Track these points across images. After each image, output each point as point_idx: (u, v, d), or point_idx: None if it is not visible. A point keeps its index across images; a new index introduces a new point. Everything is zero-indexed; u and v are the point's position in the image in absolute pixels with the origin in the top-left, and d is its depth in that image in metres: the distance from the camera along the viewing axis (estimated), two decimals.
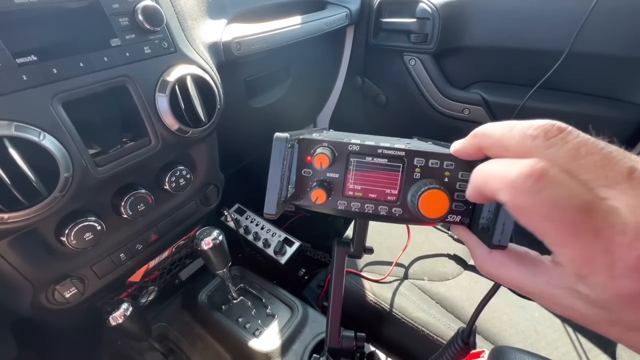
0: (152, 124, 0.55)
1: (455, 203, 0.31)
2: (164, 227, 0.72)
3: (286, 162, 0.31)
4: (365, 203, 0.33)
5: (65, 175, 0.44)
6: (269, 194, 0.30)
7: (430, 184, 0.29)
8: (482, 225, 0.30)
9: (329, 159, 0.31)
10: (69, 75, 0.44)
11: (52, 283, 0.57)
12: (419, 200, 0.29)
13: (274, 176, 0.30)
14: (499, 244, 0.27)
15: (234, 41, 0.70)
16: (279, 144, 0.30)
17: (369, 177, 0.32)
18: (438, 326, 0.69)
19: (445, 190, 0.29)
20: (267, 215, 0.30)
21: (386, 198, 0.32)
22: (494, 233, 0.27)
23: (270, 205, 0.30)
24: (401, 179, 0.32)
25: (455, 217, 0.32)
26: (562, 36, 0.91)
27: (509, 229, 0.27)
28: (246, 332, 0.75)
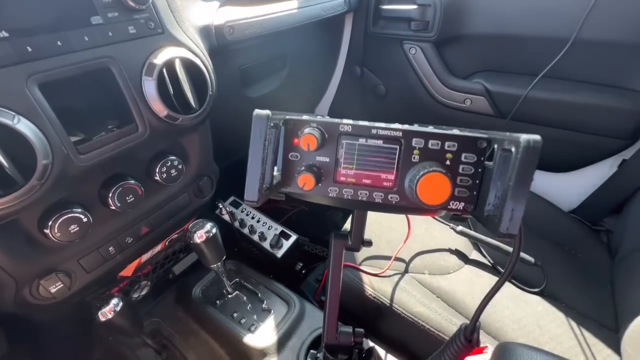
0: (139, 109, 0.52)
1: (458, 188, 0.28)
2: (156, 220, 0.70)
3: (268, 144, 0.28)
4: (359, 189, 0.30)
5: (43, 162, 0.41)
6: (249, 179, 0.27)
7: (430, 167, 0.27)
8: (488, 213, 0.27)
9: (317, 140, 0.28)
10: (45, 54, 0.41)
11: (36, 277, 0.55)
12: (418, 185, 0.26)
13: (254, 159, 0.27)
14: (507, 232, 0.25)
15: (226, 25, 0.67)
16: (258, 122, 0.27)
17: (363, 161, 0.29)
18: (439, 321, 0.67)
19: (447, 174, 0.26)
20: (248, 203, 0.27)
21: (382, 184, 0.29)
22: (501, 220, 0.25)
23: (251, 191, 0.27)
24: (398, 163, 0.29)
25: (458, 204, 0.29)
26: (568, 23, 0.88)
27: (519, 216, 0.24)
28: (241, 327, 0.73)
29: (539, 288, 0.76)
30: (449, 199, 0.27)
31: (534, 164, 0.24)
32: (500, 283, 0.32)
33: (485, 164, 0.28)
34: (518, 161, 0.24)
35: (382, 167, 0.29)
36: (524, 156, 0.24)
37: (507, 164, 0.25)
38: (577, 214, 1.05)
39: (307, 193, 0.30)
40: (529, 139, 0.23)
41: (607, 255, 0.91)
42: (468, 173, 0.28)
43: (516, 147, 0.24)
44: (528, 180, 0.24)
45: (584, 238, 0.94)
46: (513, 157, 0.24)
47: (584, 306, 0.75)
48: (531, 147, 0.23)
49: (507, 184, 0.24)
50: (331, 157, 0.30)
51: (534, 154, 0.23)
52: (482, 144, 0.27)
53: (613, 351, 0.67)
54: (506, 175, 0.25)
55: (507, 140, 0.25)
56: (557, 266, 0.83)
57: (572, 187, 1.08)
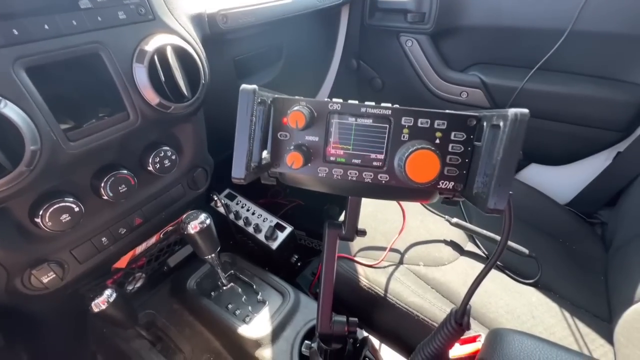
0: (130, 97, 0.51)
1: (448, 167, 0.28)
2: (149, 211, 0.69)
3: (255, 120, 0.27)
4: (349, 169, 0.29)
5: (31, 148, 0.41)
6: (236, 155, 0.27)
7: (420, 144, 0.26)
8: (477, 190, 0.27)
9: (305, 117, 0.28)
10: (31, 38, 0.40)
11: (28, 267, 0.54)
12: (407, 163, 0.26)
13: (241, 134, 0.26)
14: (495, 207, 0.24)
15: (219, 13, 0.66)
16: (245, 97, 0.27)
17: (352, 140, 0.29)
18: (433, 311, 0.67)
19: (436, 151, 0.26)
20: (235, 180, 0.27)
21: (371, 163, 0.29)
22: (488, 196, 0.24)
23: (238, 167, 0.27)
24: (387, 141, 0.29)
25: (447, 183, 0.29)
26: (564, 14, 0.88)
27: (506, 190, 0.24)
28: (236, 318, 0.73)
29: (533, 279, 0.76)
30: (438, 177, 0.26)
31: (521, 137, 0.23)
32: (490, 265, 0.31)
33: (475, 144, 0.28)
34: (505, 135, 0.24)
35: (371, 146, 0.29)
36: (512, 129, 0.23)
37: (496, 140, 0.25)
38: (572, 207, 1.05)
39: (296, 172, 0.30)
40: (516, 112, 0.23)
41: (601, 247, 0.91)
42: (457, 152, 0.27)
43: (504, 121, 0.24)
44: (515, 153, 0.23)
45: (578, 230, 0.95)
46: (501, 131, 0.24)
47: (577, 297, 0.76)
48: (519, 120, 0.23)
49: (496, 159, 0.24)
50: (320, 137, 0.29)
51: (521, 127, 0.23)
52: (472, 122, 0.27)
53: (606, 341, 0.68)
54: (494, 152, 0.25)
55: (496, 115, 0.25)
56: (551, 258, 0.83)
57: (567, 179, 1.08)
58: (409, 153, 0.26)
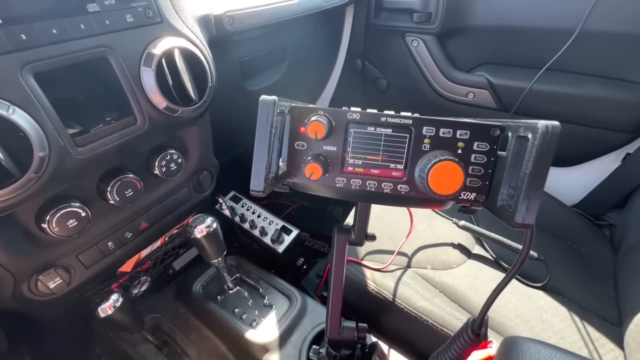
0: (138, 101, 0.51)
1: (470, 178, 0.27)
2: (155, 215, 0.69)
3: (275, 131, 0.26)
4: (367, 180, 0.29)
5: (40, 154, 0.40)
6: (255, 167, 0.26)
7: (442, 156, 0.26)
8: (502, 203, 0.26)
9: (324, 127, 0.27)
10: (40, 42, 0.40)
11: (35, 273, 0.54)
12: (429, 175, 0.25)
13: (261, 146, 0.26)
14: (523, 222, 0.24)
15: (226, 15, 0.65)
16: (265, 108, 0.26)
17: (371, 150, 0.28)
18: (442, 315, 0.67)
19: (460, 163, 0.25)
20: (254, 193, 0.26)
21: (391, 174, 0.28)
22: (516, 210, 0.24)
23: (258, 180, 0.26)
24: (408, 152, 0.28)
25: (469, 194, 0.28)
26: (573, 13, 0.87)
27: (536, 205, 0.23)
28: (243, 323, 0.72)
29: (542, 282, 0.76)
30: (461, 189, 0.26)
31: (552, 150, 0.23)
32: (512, 274, 0.31)
33: (499, 154, 0.27)
34: (535, 148, 0.23)
35: (391, 156, 0.28)
36: (542, 142, 0.23)
37: (523, 152, 0.24)
38: (580, 209, 1.05)
39: (314, 183, 0.29)
40: (547, 124, 0.22)
41: (610, 250, 0.90)
42: (480, 162, 0.27)
43: (533, 133, 0.23)
44: (546, 167, 0.23)
45: (586, 232, 0.94)
46: (530, 143, 0.23)
47: (586, 300, 0.75)
48: (550, 133, 0.22)
49: (524, 172, 0.23)
50: (339, 146, 0.29)
51: (552, 140, 0.23)
52: (496, 131, 0.26)
53: (616, 345, 0.67)
54: (521, 164, 0.24)
55: (523, 126, 0.24)
56: (560, 261, 0.83)
57: (575, 181, 1.07)
58: (431, 165, 0.25)
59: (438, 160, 0.25)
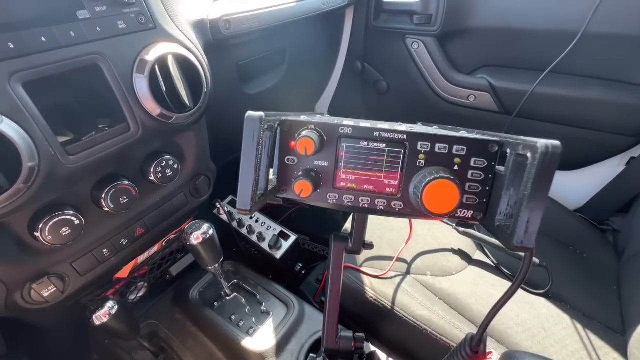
0: (131, 108, 0.50)
1: (467, 195, 0.26)
2: (151, 221, 0.68)
3: (262, 148, 0.25)
4: (360, 196, 0.28)
5: (29, 165, 0.40)
6: (241, 186, 0.25)
7: (437, 173, 0.25)
8: (500, 222, 0.25)
9: (314, 143, 0.26)
10: (28, 51, 0.39)
11: (28, 282, 0.53)
12: (424, 193, 0.24)
13: (247, 164, 0.25)
14: (522, 245, 0.22)
15: (222, 19, 0.64)
16: (251, 125, 0.25)
17: (364, 166, 0.27)
18: (442, 325, 0.66)
19: (456, 180, 0.24)
20: (240, 212, 0.25)
21: (384, 190, 0.27)
22: (514, 232, 0.22)
23: (244, 199, 0.25)
24: (402, 168, 0.27)
25: (466, 212, 0.27)
26: (576, 15, 0.85)
27: (535, 228, 0.22)
28: (239, 330, 0.71)
29: (543, 290, 0.74)
30: (457, 207, 0.25)
31: (553, 171, 0.21)
32: (510, 293, 0.30)
33: (497, 170, 0.26)
34: (535, 168, 0.22)
35: (385, 172, 0.27)
36: (542, 163, 0.21)
37: (522, 171, 0.23)
38: (583, 213, 1.03)
39: (305, 200, 0.28)
40: (547, 144, 0.21)
41: (613, 256, 0.89)
42: (478, 179, 0.26)
43: (533, 152, 0.22)
44: (546, 189, 0.22)
45: (589, 238, 0.92)
46: (529, 163, 0.22)
47: (589, 308, 0.73)
48: (550, 154, 0.21)
49: (523, 193, 0.22)
50: (330, 161, 0.28)
51: (552, 161, 0.21)
52: (494, 147, 0.25)
53: (620, 354, 0.66)
54: (520, 183, 0.23)
55: (522, 144, 0.23)
56: (562, 267, 0.81)
57: (578, 185, 1.06)
58: (426, 182, 0.24)
59: (433, 178, 0.24)
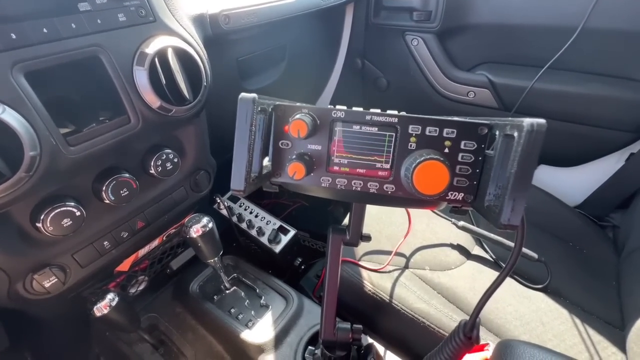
0: (131, 100, 0.51)
1: (457, 178, 0.27)
2: (152, 214, 0.69)
3: (255, 130, 0.26)
4: (353, 179, 0.28)
5: (30, 154, 0.40)
6: (235, 166, 0.26)
7: (427, 155, 0.25)
8: (489, 203, 0.26)
9: (307, 126, 0.26)
10: (30, 42, 0.39)
11: (30, 272, 0.54)
12: (414, 174, 0.25)
13: (240, 145, 0.25)
14: (509, 223, 0.23)
15: (221, 14, 0.65)
16: (244, 106, 0.25)
17: (357, 149, 0.28)
18: (439, 317, 0.66)
19: (446, 162, 0.25)
20: (234, 192, 0.26)
21: (377, 173, 0.28)
22: (502, 210, 0.23)
23: (237, 179, 0.26)
24: (394, 151, 0.27)
25: (457, 194, 0.27)
26: (575, 11, 0.85)
27: (521, 206, 0.23)
28: (239, 323, 0.72)
29: (542, 284, 0.74)
30: (447, 189, 0.25)
31: (538, 149, 0.22)
32: (502, 278, 0.30)
33: (486, 153, 0.26)
34: (521, 146, 0.22)
35: (377, 155, 0.27)
36: (527, 141, 0.22)
37: (509, 151, 0.23)
38: (582, 209, 1.03)
39: (299, 183, 0.29)
40: (532, 122, 0.22)
41: (612, 251, 0.88)
42: (468, 161, 0.26)
43: (519, 131, 0.22)
44: (531, 167, 0.22)
45: (589, 233, 0.92)
46: (515, 142, 0.22)
47: (588, 303, 0.73)
48: (535, 131, 0.22)
49: (509, 172, 0.23)
50: (323, 145, 0.28)
51: (537, 139, 0.22)
52: (483, 130, 0.26)
53: (618, 349, 0.66)
54: (508, 163, 0.23)
55: (510, 125, 0.23)
56: (561, 262, 0.81)
57: (577, 181, 1.06)
58: (416, 164, 0.24)
59: (423, 159, 0.24)
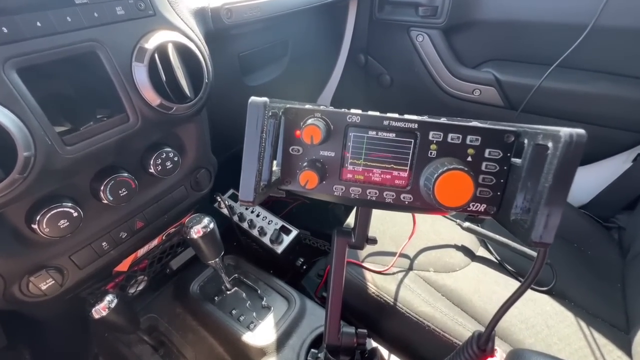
0: (130, 98, 0.49)
1: (481, 188, 0.25)
2: (151, 214, 0.67)
3: (265, 136, 0.24)
4: (368, 188, 0.26)
5: (25, 154, 0.38)
6: (244, 176, 0.24)
7: (450, 164, 0.23)
8: (516, 217, 0.24)
9: (321, 132, 0.24)
10: (23, 36, 0.37)
11: (26, 274, 0.52)
12: (435, 185, 0.23)
13: (250, 153, 0.24)
14: (541, 240, 0.21)
15: (223, 7, 0.63)
16: (255, 112, 0.24)
17: (373, 156, 0.26)
18: (445, 321, 0.65)
19: (470, 172, 0.23)
20: (243, 203, 0.24)
21: (393, 182, 0.26)
22: (533, 226, 0.21)
23: (247, 189, 0.24)
24: (412, 159, 0.25)
25: (479, 205, 0.26)
26: (586, 8, 0.83)
27: (556, 222, 0.21)
28: (240, 325, 0.71)
29: (547, 287, 0.73)
30: (470, 201, 0.23)
31: (577, 162, 0.20)
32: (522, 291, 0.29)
33: (513, 162, 0.25)
34: (557, 159, 0.20)
35: (394, 163, 0.26)
36: (565, 153, 0.20)
37: (541, 162, 0.21)
38: (588, 210, 1.02)
39: (310, 191, 0.27)
40: (571, 132, 0.20)
41: (618, 253, 0.88)
42: (492, 171, 0.24)
43: (555, 142, 0.20)
44: (569, 180, 0.20)
45: (594, 235, 0.91)
46: (551, 154, 0.21)
47: (593, 306, 0.73)
48: (574, 143, 0.20)
49: (543, 185, 0.21)
50: (337, 152, 0.26)
51: (577, 151, 0.20)
52: (510, 137, 0.24)
53: (624, 352, 0.65)
54: (539, 175, 0.21)
55: (542, 134, 0.22)
56: (566, 264, 0.80)
57: (583, 181, 1.04)
58: (438, 174, 0.22)
59: (446, 169, 0.22)
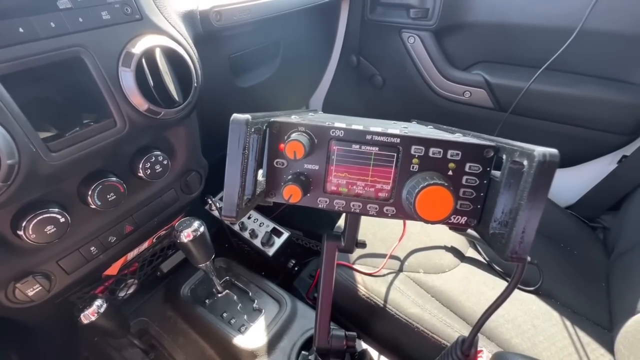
0: (117, 103, 0.48)
1: (461, 201, 0.26)
2: (141, 218, 0.66)
3: (248, 152, 0.24)
4: (351, 201, 0.27)
5: (8, 162, 0.38)
6: (226, 192, 0.24)
7: (431, 179, 0.24)
8: (494, 230, 0.24)
9: (304, 147, 0.25)
10: (5, 42, 0.37)
11: (12, 281, 0.52)
12: (417, 199, 0.23)
13: (232, 170, 0.24)
14: (517, 255, 0.22)
15: (212, 10, 0.62)
16: (237, 129, 0.24)
17: (356, 170, 0.26)
18: (434, 323, 0.66)
19: (450, 187, 0.23)
20: (226, 219, 0.24)
21: (377, 195, 0.27)
22: (509, 242, 0.22)
23: (229, 206, 0.24)
24: (395, 172, 0.26)
25: (459, 218, 0.26)
26: (574, 12, 0.85)
27: (530, 238, 0.22)
28: (231, 328, 0.71)
29: (534, 287, 0.75)
30: (450, 214, 0.24)
31: (550, 181, 0.21)
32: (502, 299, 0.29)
33: (492, 176, 0.25)
34: (531, 177, 0.21)
35: (377, 176, 0.26)
36: (538, 172, 0.20)
37: (517, 178, 0.22)
38: (574, 210, 1.04)
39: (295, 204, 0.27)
40: (544, 152, 0.20)
41: (603, 253, 0.90)
42: (472, 185, 0.25)
43: (529, 161, 0.21)
44: (542, 198, 0.21)
45: (580, 235, 0.93)
46: (525, 172, 0.21)
47: (578, 305, 0.74)
48: (547, 162, 0.20)
49: (518, 202, 0.21)
50: (321, 165, 0.27)
51: (549, 170, 0.20)
52: (489, 153, 0.25)
53: (606, 350, 0.67)
54: (515, 190, 0.22)
55: (519, 151, 0.22)
56: (552, 263, 0.82)
57: (569, 182, 1.06)
58: (419, 189, 0.23)
59: (427, 184, 0.23)
